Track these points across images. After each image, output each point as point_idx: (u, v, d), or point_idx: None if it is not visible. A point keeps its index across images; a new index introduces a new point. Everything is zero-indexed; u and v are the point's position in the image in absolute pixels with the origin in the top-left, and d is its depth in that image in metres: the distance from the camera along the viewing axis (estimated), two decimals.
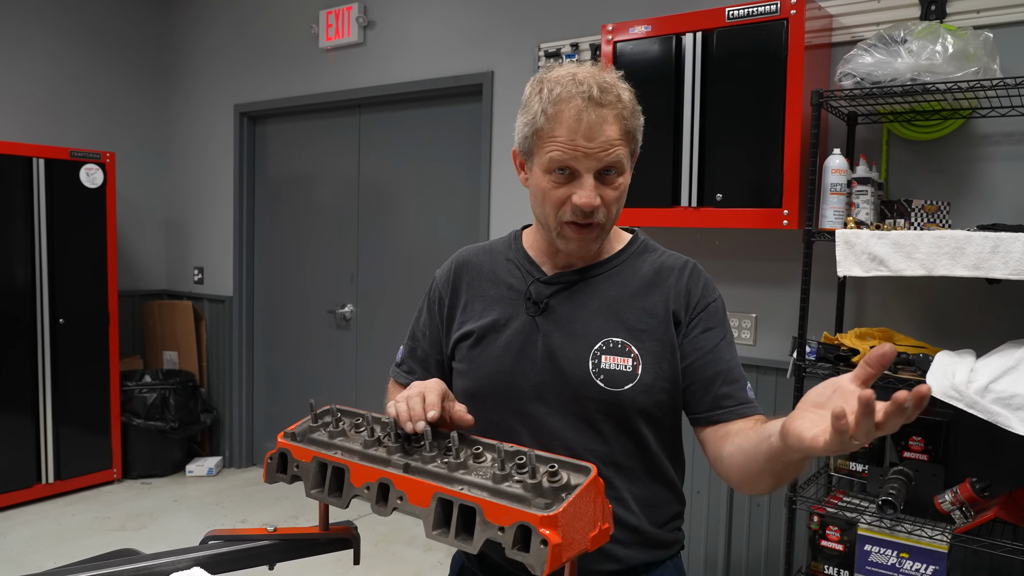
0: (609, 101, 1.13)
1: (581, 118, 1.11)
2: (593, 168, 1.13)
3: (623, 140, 1.15)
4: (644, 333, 1.19)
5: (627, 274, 1.25)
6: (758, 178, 2.37)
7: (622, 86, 1.17)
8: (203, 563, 1.11)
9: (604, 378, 1.17)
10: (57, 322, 4.04)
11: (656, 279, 1.24)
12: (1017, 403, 1.79)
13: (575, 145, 1.12)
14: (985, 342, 2.10)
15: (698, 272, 1.26)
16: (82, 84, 4.59)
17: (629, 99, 1.17)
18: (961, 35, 2.06)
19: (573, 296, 1.23)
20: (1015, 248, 1.82)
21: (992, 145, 2.26)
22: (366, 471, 1.00)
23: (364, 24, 3.91)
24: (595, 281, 1.24)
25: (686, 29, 2.47)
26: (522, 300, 1.24)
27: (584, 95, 1.12)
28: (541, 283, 1.25)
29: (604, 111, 1.12)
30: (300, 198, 4.48)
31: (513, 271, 1.29)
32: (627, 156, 1.17)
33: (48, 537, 3.59)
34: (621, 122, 1.14)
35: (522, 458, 0.92)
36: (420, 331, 1.37)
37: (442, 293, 1.34)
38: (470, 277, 1.32)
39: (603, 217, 1.17)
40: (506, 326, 1.24)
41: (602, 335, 1.19)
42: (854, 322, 2.47)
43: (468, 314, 1.29)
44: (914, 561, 2.01)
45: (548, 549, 0.83)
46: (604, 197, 1.15)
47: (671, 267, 1.25)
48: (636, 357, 1.18)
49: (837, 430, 0.77)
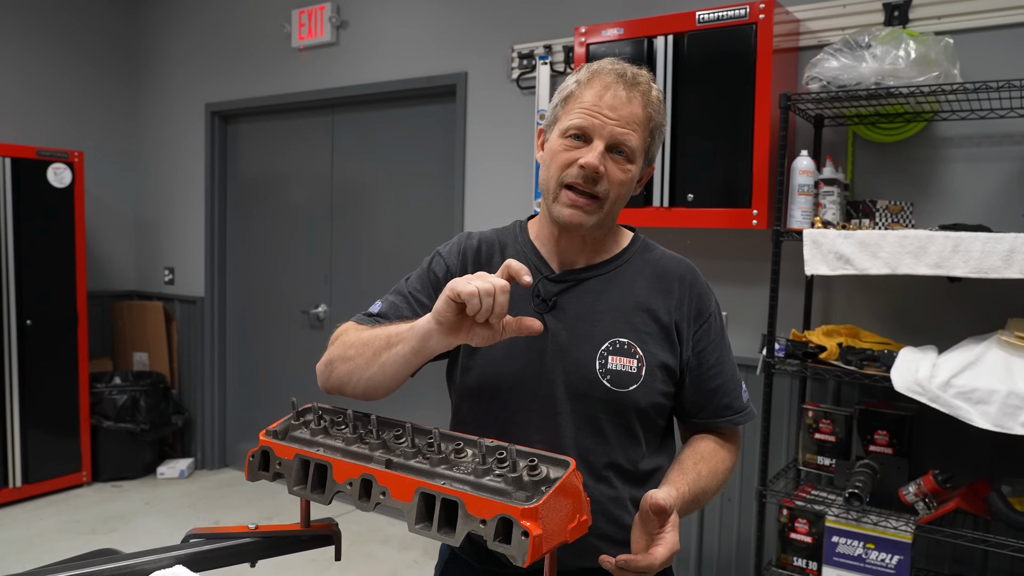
0: (639, 83, 1.18)
1: (610, 89, 1.16)
2: (607, 138, 1.16)
3: (642, 127, 1.18)
4: (647, 336, 1.21)
5: (631, 274, 1.26)
6: (728, 179, 2.42)
7: (654, 84, 1.22)
8: (185, 561, 1.11)
9: (611, 378, 1.19)
10: (24, 323, 3.98)
11: (659, 283, 1.26)
12: (977, 397, 1.85)
13: (597, 110, 1.16)
14: (947, 338, 2.16)
15: (699, 281, 1.29)
16: (51, 83, 4.53)
17: (657, 96, 1.21)
18: (923, 41, 2.12)
19: (581, 295, 1.24)
20: (974, 247, 1.88)
21: (953, 147, 2.33)
22: (349, 467, 1.02)
23: (337, 24, 3.91)
24: (601, 280, 1.25)
25: (658, 32, 2.51)
26: (529, 296, 1.24)
27: (619, 73, 1.18)
28: (549, 280, 1.25)
29: (633, 91, 1.17)
30: (273, 198, 4.45)
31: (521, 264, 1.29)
32: (639, 147, 1.19)
33: (16, 542, 3.54)
34: (646, 109, 1.18)
35: (502, 453, 0.95)
36: (410, 295, 1.31)
37: (449, 271, 1.31)
38: (478, 265, 1.30)
39: (604, 191, 1.17)
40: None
41: (609, 335, 1.20)
42: (821, 319, 2.53)
43: None
44: (879, 551, 2.06)
45: (529, 540, 0.85)
46: (610, 173, 1.17)
47: (674, 272, 1.28)
48: (640, 359, 1.20)
49: None
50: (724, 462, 1.28)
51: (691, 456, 1.24)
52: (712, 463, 1.24)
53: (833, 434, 2.30)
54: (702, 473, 1.20)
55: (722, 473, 1.26)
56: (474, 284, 0.99)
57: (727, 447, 1.30)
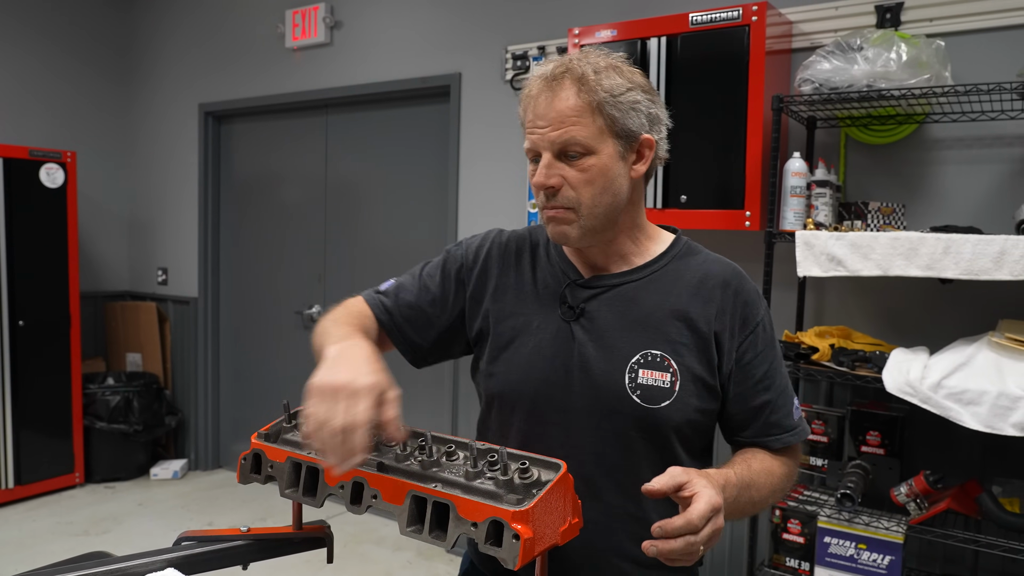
0: (561, 75, 1.09)
1: (537, 98, 1.10)
2: (549, 147, 1.09)
3: (583, 115, 1.07)
4: (684, 347, 1.12)
5: (669, 280, 1.17)
6: (721, 180, 2.42)
7: (603, 66, 1.10)
8: (177, 564, 1.11)
9: (641, 394, 1.10)
10: (17, 324, 3.96)
11: (700, 288, 1.16)
12: (968, 398, 1.86)
13: (533, 125, 1.10)
14: (938, 339, 2.17)
15: (745, 287, 1.18)
16: (44, 83, 4.51)
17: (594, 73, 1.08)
18: (915, 43, 2.13)
19: (611, 303, 1.16)
20: (965, 249, 1.89)
21: (945, 149, 2.34)
22: None
23: (331, 24, 3.90)
24: (634, 287, 1.17)
25: (651, 34, 2.51)
26: (556, 302, 1.18)
27: (543, 76, 1.11)
28: (578, 286, 1.18)
29: (558, 85, 1.08)
30: (267, 198, 4.45)
31: (548, 267, 1.22)
32: (596, 134, 1.08)
33: (9, 543, 3.53)
34: (580, 95, 1.07)
35: (494, 455, 0.95)
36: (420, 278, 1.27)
37: (472, 265, 1.26)
38: (505, 263, 1.25)
39: (571, 201, 1.10)
40: (539, 328, 1.17)
41: (640, 347, 1.12)
42: (814, 320, 2.54)
43: (499, 304, 1.22)
44: (871, 552, 2.07)
45: (520, 543, 0.85)
46: (568, 178, 1.09)
47: (717, 277, 1.17)
48: (675, 372, 1.11)
49: None
50: (781, 466, 1.17)
51: (740, 455, 1.16)
52: (765, 463, 1.14)
53: (825, 435, 2.31)
54: (752, 467, 1.11)
55: (778, 476, 1.15)
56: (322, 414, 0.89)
57: (781, 458, 1.18)
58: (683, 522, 0.88)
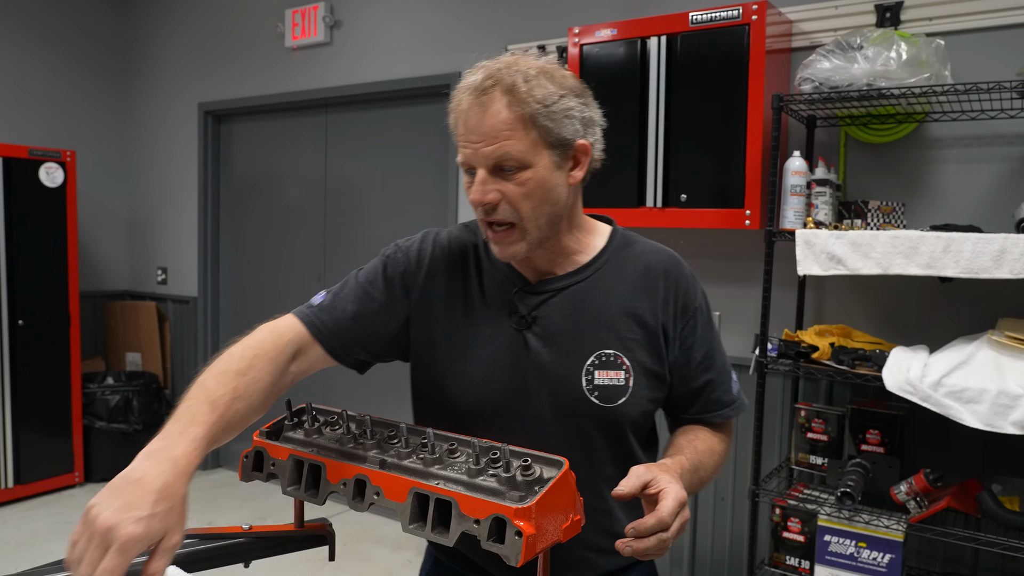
0: (490, 87, 1.05)
1: (466, 111, 1.06)
2: (483, 163, 1.06)
3: (516, 129, 1.04)
4: (635, 343, 1.15)
5: (613, 276, 1.18)
6: (721, 179, 2.43)
7: (533, 72, 1.06)
8: (178, 561, 1.11)
9: (598, 394, 1.13)
10: (16, 324, 3.96)
11: (644, 282, 1.18)
12: (968, 396, 1.86)
13: (467, 141, 1.07)
14: (938, 338, 2.17)
15: (683, 274, 1.21)
16: (44, 82, 4.51)
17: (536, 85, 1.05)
18: (914, 42, 2.13)
19: (561, 306, 1.16)
20: (965, 248, 1.89)
21: (944, 148, 2.35)
22: (343, 468, 1.02)
23: (331, 24, 3.90)
24: (582, 287, 1.17)
25: (651, 33, 2.51)
26: (506, 310, 1.17)
27: (471, 87, 1.07)
28: (526, 293, 1.17)
29: (486, 99, 1.05)
30: (266, 198, 4.45)
31: (494, 273, 1.19)
32: (530, 147, 1.05)
33: (8, 543, 3.53)
34: (512, 107, 1.04)
35: (496, 453, 0.95)
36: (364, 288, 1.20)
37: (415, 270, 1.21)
38: (450, 268, 1.21)
39: (511, 216, 1.08)
40: (491, 339, 1.16)
41: (594, 348, 1.14)
42: (814, 319, 2.54)
43: (448, 313, 1.19)
44: (871, 550, 2.08)
45: (523, 540, 0.85)
46: (507, 193, 1.07)
47: (657, 268, 1.20)
48: (628, 369, 1.14)
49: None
50: (720, 443, 1.24)
51: (683, 436, 1.21)
52: (708, 442, 1.20)
53: (825, 433, 2.32)
54: (698, 448, 1.17)
55: (719, 453, 1.22)
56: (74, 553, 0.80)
57: (719, 435, 1.25)
58: (655, 521, 0.92)
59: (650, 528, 0.92)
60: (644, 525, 0.93)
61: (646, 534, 0.93)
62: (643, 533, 0.93)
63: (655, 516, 0.93)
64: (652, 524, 0.92)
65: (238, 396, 1.00)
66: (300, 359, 1.14)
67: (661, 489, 0.95)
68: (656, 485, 0.96)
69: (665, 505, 0.93)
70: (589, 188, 1.22)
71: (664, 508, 0.93)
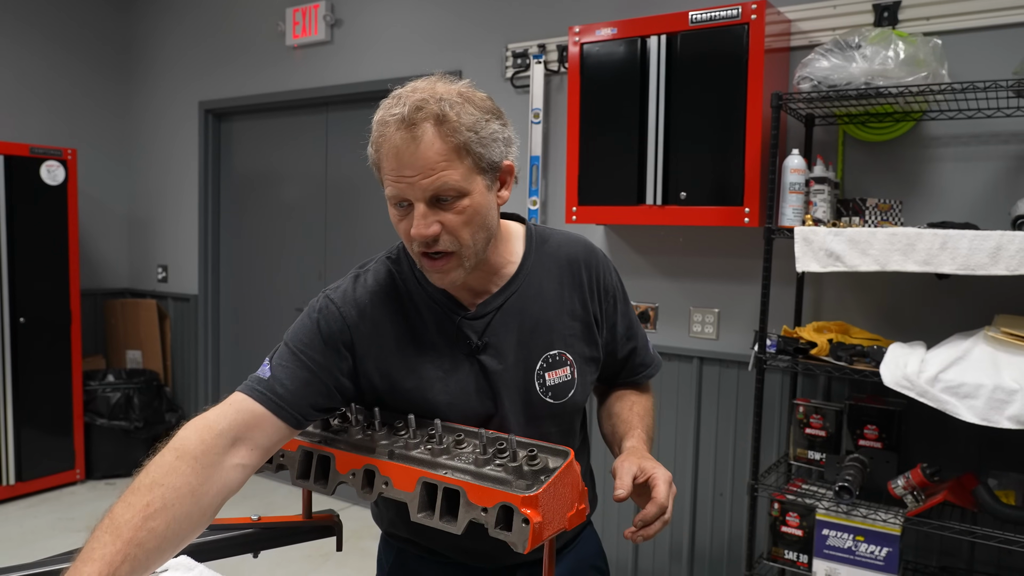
0: (420, 119, 1.03)
1: (397, 144, 1.04)
2: (421, 196, 1.05)
3: (450, 159, 1.04)
4: (574, 338, 1.23)
5: (542, 277, 1.23)
6: (720, 177, 2.45)
7: (456, 98, 1.06)
8: (189, 551, 1.13)
9: (552, 394, 1.21)
10: (17, 321, 3.97)
11: (569, 277, 1.25)
12: (964, 391, 1.88)
13: (399, 176, 1.05)
14: (935, 334, 2.19)
15: (598, 258, 1.29)
16: (44, 80, 4.52)
17: (462, 112, 1.05)
18: (912, 41, 2.15)
19: (504, 322, 1.19)
20: (962, 244, 1.91)
21: (942, 146, 2.37)
22: (352, 458, 1.04)
23: (331, 22, 3.92)
24: (517, 299, 1.20)
25: (651, 32, 2.53)
26: (455, 339, 1.18)
27: (397, 119, 1.04)
28: (468, 319, 1.18)
29: (417, 131, 1.03)
30: (267, 196, 4.46)
31: (432, 305, 1.19)
32: (466, 175, 1.06)
33: (9, 539, 3.54)
34: (446, 139, 1.04)
35: (503, 443, 0.97)
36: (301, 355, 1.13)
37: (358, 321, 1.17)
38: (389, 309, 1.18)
39: (451, 245, 1.08)
40: (452, 370, 1.17)
41: (541, 352, 1.20)
42: (812, 316, 2.57)
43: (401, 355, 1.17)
44: (869, 544, 2.10)
45: (530, 527, 0.88)
46: (446, 223, 1.06)
47: (577, 259, 1.26)
48: (571, 363, 1.23)
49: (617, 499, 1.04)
50: (650, 400, 1.39)
51: (621, 404, 1.34)
52: (644, 404, 1.35)
53: (824, 429, 2.34)
54: (641, 414, 1.31)
55: (652, 409, 1.37)
56: None
57: (646, 394, 1.40)
58: (656, 508, 1.04)
59: (654, 516, 1.04)
60: (649, 514, 1.04)
61: (651, 521, 1.04)
62: (648, 521, 1.04)
63: (655, 504, 1.04)
64: (655, 512, 1.04)
65: (151, 513, 0.94)
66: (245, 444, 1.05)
67: (650, 475, 1.07)
68: (643, 474, 1.07)
69: (660, 491, 1.05)
70: (590, 186, 1.25)
71: (660, 494, 1.05)
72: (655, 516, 1.04)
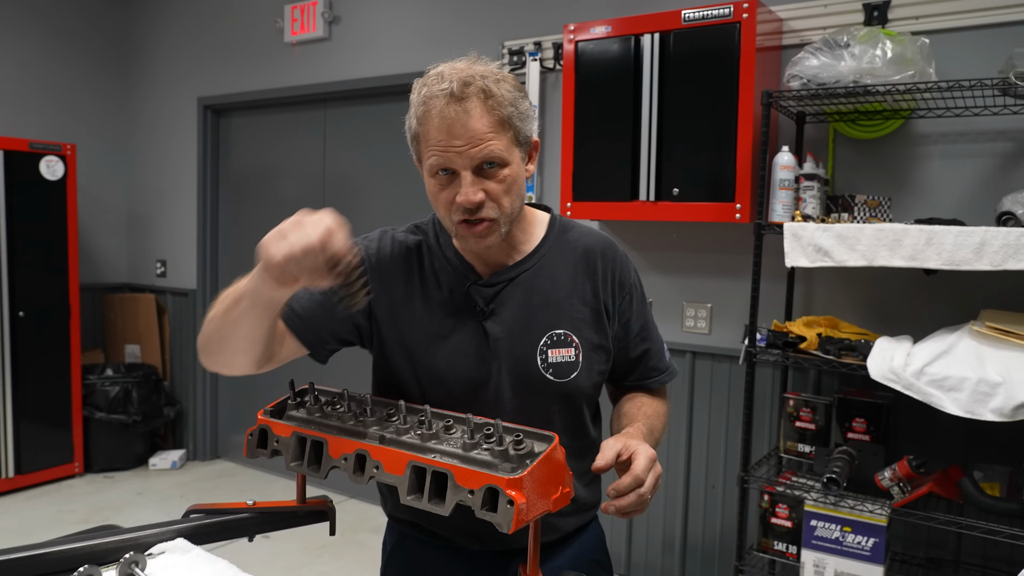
0: (470, 94, 1.11)
1: (445, 116, 1.11)
2: (468, 165, 1.12)
3: (497, 130, 1.12)
4: (582, 322, 1.26)
5: (557, 261, 1.28)
6: (712, 174, 2.48)
7: (495, 76, 1.15)
8: (186, 534, 1.16)
9: (553, 371, 1.23)
10: (17, 315, 4.00)
11: (584, 265, 1.29)
12: (949, 384, 1.92)
13: (447, 145, 1.12)
14: (922, 329, 2.23)
15: (618, 255, 1.33)
16: (43, 75, 4.54)
17: (503, 89, 1.14)
18: (900, 40, 2.19)
19: (514, 294, 1.24)
20: (947, 240, 1.95)
21: (930, 144, 2.40)
22: (344, 443, 1.07)
23: (329, 19, 3.94)
24: (531, 275, 1.26)
25: (644, 30, 2.56)
26: (464, 302, 1.24)
27: (445, 92, 1.11)
28: (480, 286, 1.25)
29: (467, 104, 1.11)
30: (265, 191, 4.49)
31: (449, 269, 1.27)
32: (508, 146, 1.14)
33: (8, 532, 3.58)
34: (492, 112, 1.12)
35: (490, 428, 1.00)
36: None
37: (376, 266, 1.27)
38: (408, 267, 1.28)
39: (494, 212, 1.15)
40: (455, 331, 1.24)
41: (546, 329, 1.24)
42: (802, 311, 2.60)
43: (409, 310, 1.26)
44: (856, 534, 2.13)
45: (514, 509, 0.91)
46: (489, 191, 1.14)
47: (595, 250, 1.30)
48: (577, 346, 1.25)
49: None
50: (662, 405, 1.38)
51: (630, 403, 1.34)
52: (653, 406, 1.34)
53: (813, 422, 2.37)
54: (648, 413, 1.31)
55: (663, 414, 1.36)
56: (287, 245, 1.01)
57: (658, 399, 1.39)
58: (631, 479, 1.03)
59: (628, 486, 1.03)
60: (622, 484, 1.03)
61: (625, 492, 1.03)
62: (622, 491, 1.03)
63: (630, 475, 1.04)
64: (629, 482, 1.03)
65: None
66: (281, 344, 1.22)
67: (632, 451, 1.07)
68: (627, 451, 1.07)
69: (638, 464, 1.04)
70: (584, 182, 1.28)
71: (638, 466, 1.04)
72: (628, 487, 1.02)
